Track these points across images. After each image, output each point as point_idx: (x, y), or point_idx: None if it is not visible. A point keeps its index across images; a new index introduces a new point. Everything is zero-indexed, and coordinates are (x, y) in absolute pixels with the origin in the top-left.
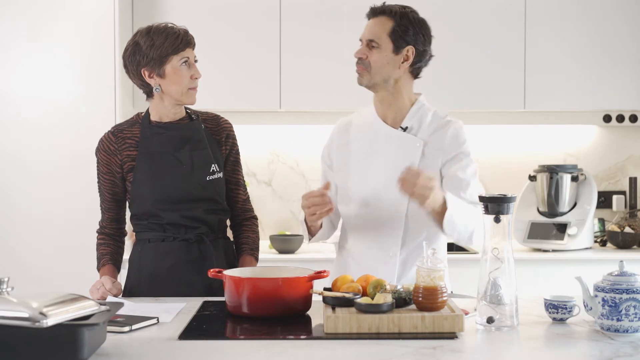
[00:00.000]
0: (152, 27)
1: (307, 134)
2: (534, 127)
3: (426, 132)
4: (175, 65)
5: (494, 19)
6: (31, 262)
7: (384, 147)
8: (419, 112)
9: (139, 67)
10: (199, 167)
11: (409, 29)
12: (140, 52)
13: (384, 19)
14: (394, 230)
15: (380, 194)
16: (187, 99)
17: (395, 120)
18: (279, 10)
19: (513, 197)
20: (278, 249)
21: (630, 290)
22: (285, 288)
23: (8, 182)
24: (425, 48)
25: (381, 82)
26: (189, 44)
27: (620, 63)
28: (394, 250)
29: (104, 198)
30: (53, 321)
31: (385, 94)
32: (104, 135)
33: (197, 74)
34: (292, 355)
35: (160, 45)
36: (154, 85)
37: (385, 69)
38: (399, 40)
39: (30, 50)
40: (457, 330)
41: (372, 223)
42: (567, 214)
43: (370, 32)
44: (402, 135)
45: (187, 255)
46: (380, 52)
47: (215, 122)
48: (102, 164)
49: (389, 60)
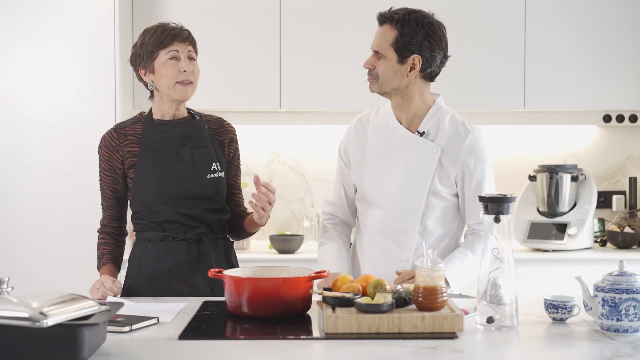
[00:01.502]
0: (147, 27)
1: (307, 134)
2: (534, 127)
3: (444, 137)
4: (163, 59)
5: (494, 19)
6: (31, 262)
7: (401, 150)
8: (436, 115)
9: (137, 67)
10: (199, 165)
11: (413, 38)
12: (136, 51)
13: (387, 28)
14: (408, 235)
15: (395, 198)
16: (176, 94)
17: (411, 123)
18: (279, 10)
19: (513, 197)
20: (278, 249)
21: (630, 290)
22: (285, 288)
23: (8, 182)
24: (433, 53)
25: (391, 90)
26: (177, 37)
27: (620, 63)
28: (407, 255)
29: (105, 195)
30: (53, 321)
31: (399, 100)
32: (106, 132)
33: (184, 67)
34: (292, 355)
35: (148, 41)
36: (148, 83)
37: (393, 79)
38: (403, 50)
39: (30, 50)
40: (457, 330)
41: (386, 226)
42: (567, 214)
43: (376, 43)
44: (420, 141)
45: (187, 255)
46: (385, 62)
47: (219, 124)
48: (103, 161)
49: (395, 70)
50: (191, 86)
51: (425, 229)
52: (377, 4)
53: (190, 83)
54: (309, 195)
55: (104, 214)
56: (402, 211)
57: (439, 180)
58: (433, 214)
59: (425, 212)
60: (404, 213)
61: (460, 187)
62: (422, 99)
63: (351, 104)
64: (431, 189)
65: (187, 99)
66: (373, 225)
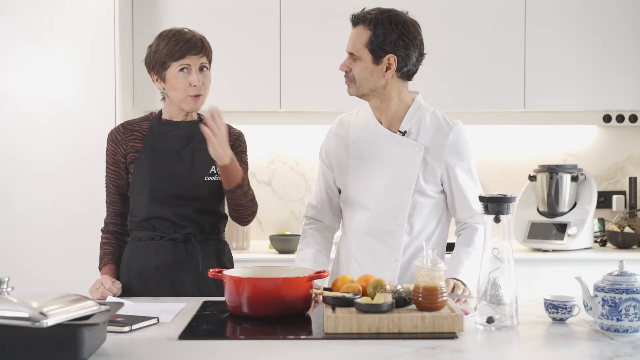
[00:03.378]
0: (164, 31)
1: (307, 134)
2: (534, 127)
3: (426, 135)
4: (174, 72)
5: (494, 19)
6: (31, 262)
7: (384, 151)
8: (417, 114)
9: (149, 70)
10: (198, 166)
11: (387, 37)
12: (150, 55)
13: (361, 29)
14: (396, 235)
15: (381, 199)
16: (187, 106)
17: (392, 123)
18: (279, 10)
19: (513, 197)
20: (278, 249)
21: (630, 290)
22: (285, 288)
23: (8, 182)
24: (408, 52)
25: (369, 92)
26: (190, 51)
27: (620, 63)
28: (395, 255)
29: (110, 191)
30: (53, 321)
31: (377, 101)
32: (114, 127)
33: (194, 82)
34: (292, 355)
35: (162, 50)
36: (160, 89)
37: (369, 80)
38: (377, 50)
39: (31, 50)
40: (457, 330)
41: (373, 227)
42: (567, 214)
43: (350, 44)
44: (402, 140)
45: (174, 254)
46: (361, 64)
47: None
48: (109, 155)
49: (371, 71)
50: (200, 98)
51: (412, 228)
52: (377, 4)
53: (200, 96)
54: (309, 195)
55: (108, 211)
56: (388, 212)
57: (424, 179)
58: (420, 213)
59: (412, 212)
60: (390, 213)
61: (447, 184)
62: (400, 99)
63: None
64: (417, 187)
65: (196, 110)
66: (359, 227)
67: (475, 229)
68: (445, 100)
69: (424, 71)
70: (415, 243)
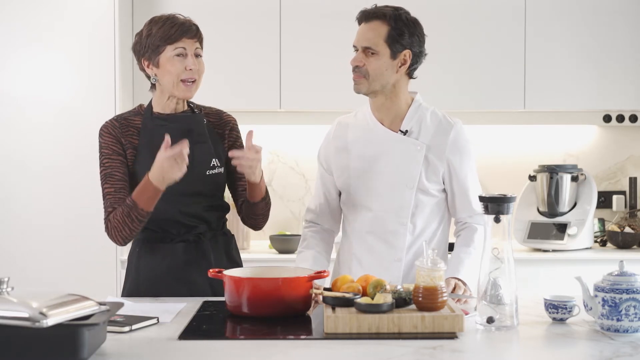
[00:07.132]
0: (155, 17)
1: (307, 134)
2: (534, 127)
3: (427, 134)
4: (169, 55)
5: (494, 19)
6: (31, 262)
7: (385, 151)
8: (417, 113)
9: (140, 57)
10: (199, 161)
11: (405, 32)
12: (141, 41)
13: (378, 23)
14: (399, 236)
15: (384, 199)
16: (179, 92)
17: (393, 123)
18: (279, 10)
19: (513, 197)
20: (278, 249)
21: (630, 290)
22: (285, 288)
23: (8, 182)
24: (421, 49)
25: (380, 88)
26: (186, 34)
27: (620, 63)
28: (399, 255)
29: (116, 179)
30: (53, 321)
31: (383, 100)
32: (107, 121)
33: (190, 65)
34: (292, 355)
35: (155, 34)
36: (151, 75)
37: (384, 76)
38: (396, 44)
39: (31, 50)
40: (457, 330)
41: (376, 227)
42: (567, 214)
43: (366, 39)
44: (404, 140)
45: (185, 255)
46: (378, 59)
47: (218, 117)
48: (109, 146)
49: (387, 66)
50: (194, 84)
51: (415, 227)
52: (378, 3)
53: (194, 82)
54: (309, 195)
55: (113, 199)
56: (391, 211)
57: (426, 178)
58: (423, 212)
59: (415, 211)
60: (393, 213)
61: (449, 183)
62: (403, 97)
63: (351, 104)
64: (419, 186)
65: (189, 98)
66: (362, 227)
67: (474, 229)
68: (445, 100)
69: (424, 71)
70: (418, 242)
